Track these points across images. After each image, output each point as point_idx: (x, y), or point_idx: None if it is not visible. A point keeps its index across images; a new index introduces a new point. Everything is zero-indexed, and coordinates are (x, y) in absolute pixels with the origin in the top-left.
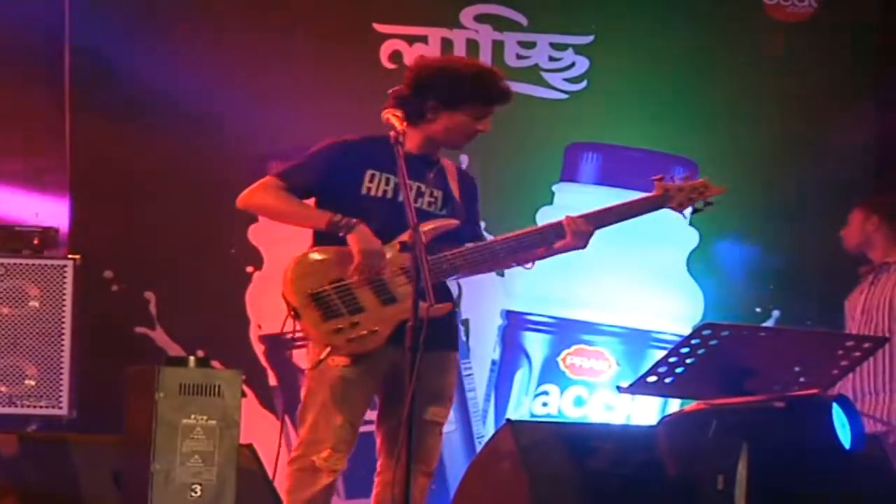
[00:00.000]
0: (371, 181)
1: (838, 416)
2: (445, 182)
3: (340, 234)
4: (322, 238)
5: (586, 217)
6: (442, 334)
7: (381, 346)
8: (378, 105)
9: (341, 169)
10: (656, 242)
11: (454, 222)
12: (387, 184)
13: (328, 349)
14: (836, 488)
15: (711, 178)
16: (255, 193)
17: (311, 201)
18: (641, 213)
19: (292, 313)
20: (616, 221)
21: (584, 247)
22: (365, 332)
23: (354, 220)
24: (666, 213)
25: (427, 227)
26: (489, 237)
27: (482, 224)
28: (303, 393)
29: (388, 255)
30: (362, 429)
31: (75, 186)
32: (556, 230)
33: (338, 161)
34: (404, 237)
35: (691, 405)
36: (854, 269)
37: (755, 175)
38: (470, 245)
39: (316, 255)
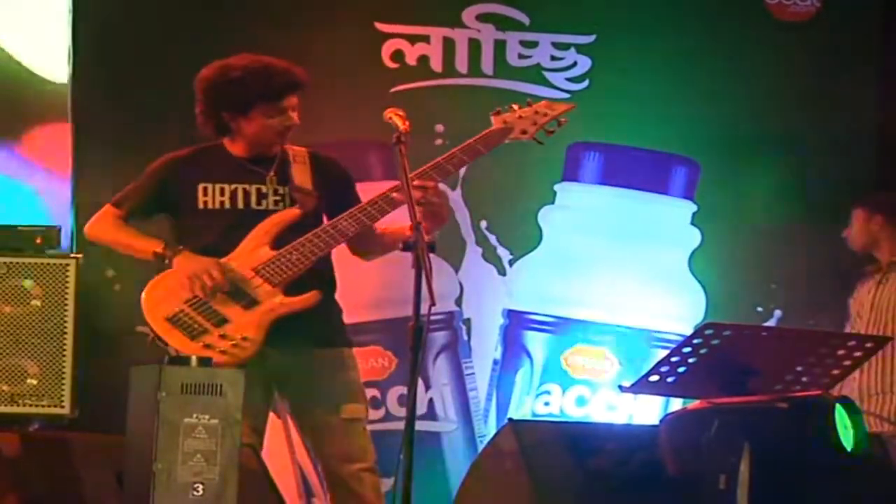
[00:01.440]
0: (205, 194)
1: (841, 418)
2: (289, 175)
3: (166, 263)
4: None
5: (426, 173)
6: (327, 331)
7: (257, 351)
8: (380, 104)
9: (172, 187)
10: (658, 242)
11: (294, 212)
12: (222, 194)
13: None
14: (839, 489)
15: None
16: (94, 225)
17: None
18: (482, 153)
19: (158, 342)
20: (457, 168)
21: (444, 222)
22: (234, 341)
23: (177, 248)
24: (667, 213)
25: (266, 225)
26: None
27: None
28: None
29: (235, 263)
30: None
31: (77, 185)
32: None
33: (169, 179)
34: (406, 235)
35: (694, 403)
36: (856, 268)
37: (756, 174)
38: (316, 230)
39: (166, 280)
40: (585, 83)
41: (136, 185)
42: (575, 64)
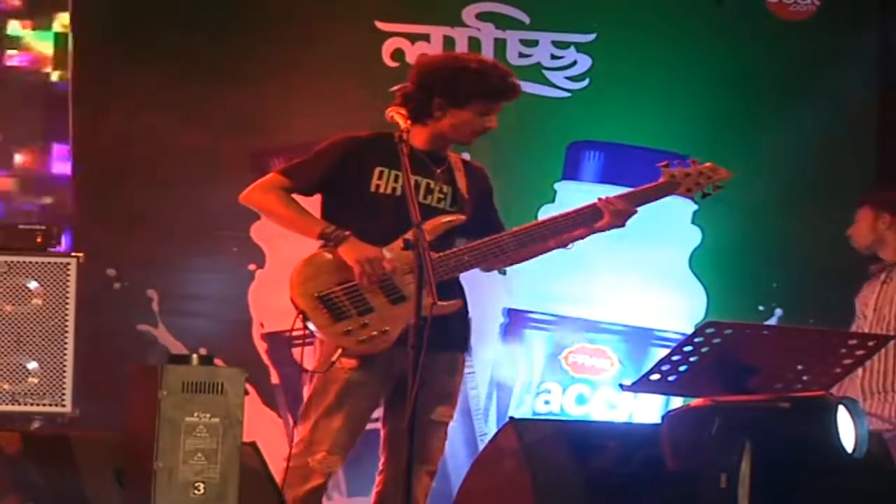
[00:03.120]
0: (380, 178)
1: (843, 418)
2: (453, 177)
3: (331, 246)
4: None
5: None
6: (453, 335)
7: (391, 347)
8: (381, 103)
9: (349, 166)
10: (659, 240)
11: (461, 218)
12: (395, 181)
13: (339, 351)
14: (839, 488)
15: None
16: (255, 191)
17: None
18: (648, 202)
19: (301, 316)
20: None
21: (622, 225)
22: (375, 332)
23: (346, 233)
24: (667, 212)
25: (432, 223)
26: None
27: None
28: (307, 391)
29: (393, 255)
30: (371, 426)
31: (78, 184)
32: (593, 213)
33: (345, 158)
34: (408, 235)
35: (695, 401)
36: (857, 267)
37: (757, 173)
38: (482, 240)
39: (324, 257)
40: (585, 82)
41: (309, 159)
42: (575, 63)
